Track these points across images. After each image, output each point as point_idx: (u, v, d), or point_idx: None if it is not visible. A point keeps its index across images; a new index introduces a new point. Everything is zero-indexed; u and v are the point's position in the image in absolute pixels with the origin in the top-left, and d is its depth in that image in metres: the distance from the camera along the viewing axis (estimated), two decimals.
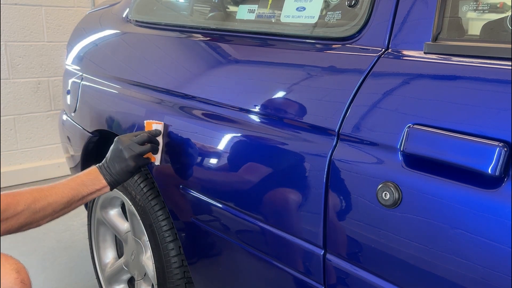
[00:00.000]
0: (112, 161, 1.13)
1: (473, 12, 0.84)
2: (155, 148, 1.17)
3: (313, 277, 0.90)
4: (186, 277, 1.32)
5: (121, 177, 1.14)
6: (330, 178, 0.83)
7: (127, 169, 1.13)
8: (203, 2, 1.46)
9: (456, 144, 0.67)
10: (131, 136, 1.16)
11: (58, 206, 1.07)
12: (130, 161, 1.12)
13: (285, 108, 0.95)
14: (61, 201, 1.07)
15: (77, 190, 1.10)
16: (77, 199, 1.10)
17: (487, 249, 0.64)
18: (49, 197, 1.05)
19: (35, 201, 1.03)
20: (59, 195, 1.07)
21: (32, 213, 1.02)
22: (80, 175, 1.14)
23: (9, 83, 3.05)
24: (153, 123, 1.18)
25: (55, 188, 1.08)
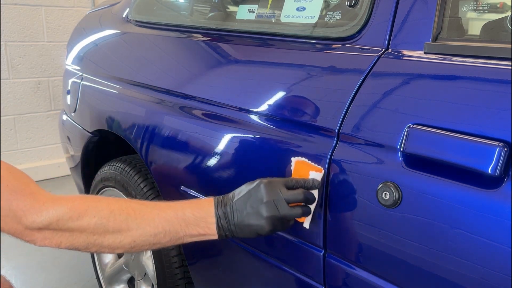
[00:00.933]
0: (241, 206, 0.81)
1: (473, 12, 0.84)
2: (308, 210, 0.83)
3: (313, 277, 0.90)
4: (186, 277, 1.32)
5: (241, 233, 0.82)
6: (330, 178, 0.83)
7: (257, 229, 0.81)
8: (203, 2, 1.46)
9: (456, 144, 0.67)
10: (281, 185, 0.81)
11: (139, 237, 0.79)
12: (267, 222, 0.80)
13: (285, 108, 0.95)
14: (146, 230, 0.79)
15: (173, 225, 0.80)
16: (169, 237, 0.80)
17: (487, 249, 0.64)
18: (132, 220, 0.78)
19: (110, 217, 0.77)
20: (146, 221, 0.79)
21: (102, 231, 0.77)
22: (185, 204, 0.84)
23: (9, 83, 3.05)
24: (311, 168, 0.83)
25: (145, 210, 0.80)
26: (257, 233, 0.81)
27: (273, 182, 0.82)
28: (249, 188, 0.83)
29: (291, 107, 0.94)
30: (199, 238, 0.83)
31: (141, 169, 1.40)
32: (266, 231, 0.81)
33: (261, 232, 0.81)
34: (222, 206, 0.83)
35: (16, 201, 0.75)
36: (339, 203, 0.82)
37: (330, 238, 0.85)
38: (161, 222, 0.79)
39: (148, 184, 1.36)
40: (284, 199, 0.80)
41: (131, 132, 1.34)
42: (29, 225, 0.75)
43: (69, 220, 0.76)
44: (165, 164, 1.23)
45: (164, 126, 1.23)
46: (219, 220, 0.82)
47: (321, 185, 0.82)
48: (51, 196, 0.78)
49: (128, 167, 1.42)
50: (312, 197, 0.82)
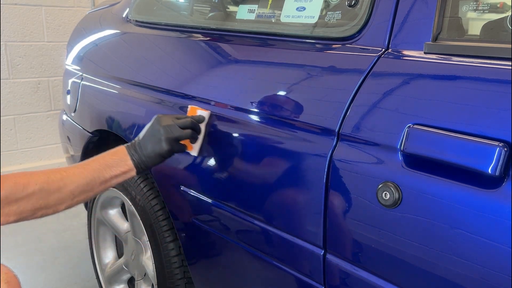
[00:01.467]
0: (145, 140, 1.02)
1: (473, 12, 0.84)
2: (195, 135, 1.06)
3: (313, 277, 0.90)
4: (186, 277, 1.32)
5: (151, 160, 1.02)
6: (330, 178, 0.83)
7: (160, 151, 1.01)
8: (203, 2, 1.46)
9: (456, 144, 0.67)
10: (172, 117, 1.04)
11: (76, 189, 0.94)
12: (166, 143, 1.00)
13: (285, 108, 0.95)
14: (79, 182, 0.94)
15: (99, 172, 0.97)
16: (99, 182, 0.97)
17: (487, 249, 0.64)
18: (66, 178, 0.93)
19: (49, 181, 0.90)
20: (77, 175, 0.94)
21: (46, 194, 0.90)
22: (104, 154, 1.02)
23: (9, 83, 3.05)
24: (198, 109, 1.09)
25: (74, 168, 0.96)
26: (160, 155, 1.02)
27: (165, 115, 1.05)
28: (149, 125, 1.04)
29: (291, 107, 0.94)
30: (123, 176, 1.01)
31: None
32: (166, 150, 1.01)
33: (162, 152, 1.01)
34: (133, 146, 1.03)
35: None
36: (339, 203, 0.82)
37: (330, 238, 0.85)
38: (89, 172, 0.96)
39: (148, 184, 1.36)
40: (176, 124, 1.01)
41: (131, 132, 1.34)
42: None
43: (16, 193, 0.86)
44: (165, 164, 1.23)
45: None
46: (133, 156, 1.01)
47: (204, 119, 1.06)
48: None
49: None
50: (198, 127, 1.06)
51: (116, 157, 1.01)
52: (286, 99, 0.96)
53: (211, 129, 1.10)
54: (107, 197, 1.59)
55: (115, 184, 1.01)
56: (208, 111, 1.08)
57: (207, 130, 1.08)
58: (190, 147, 1.08)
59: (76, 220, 2.59)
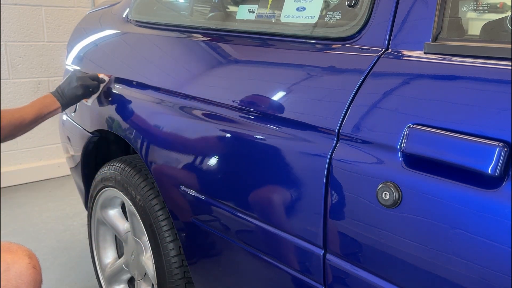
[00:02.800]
0: (65, 86, 1.44)
1: (473, 12, 0.84)
2: (98, 87, 1.47)
3: (313, 277, 0.90)
4: (186, 277, 1.32)
5: (70, 100, 1.44)
6: (330, 178, 0.83)
7: (76, 93, 1.43)
8: (203, 2, 1.46)
9: (456, 144, 0.67)
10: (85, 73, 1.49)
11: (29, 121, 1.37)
12: (79, 87, 1.43)
13: (285, 108, 0.95)
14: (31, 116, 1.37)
15: (40, 110, 1.39)
16: (41, 116, 1.39)
17: (487, 249, 0.64)
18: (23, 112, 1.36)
19: (13, 114, 1.34)
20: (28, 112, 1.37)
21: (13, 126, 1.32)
22: (39, 99, 1.43)
23: (9, 83, 3.05)
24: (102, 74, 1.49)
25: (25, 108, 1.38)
26: (76, 96, 1.44)
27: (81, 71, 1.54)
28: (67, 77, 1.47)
29: (291, 107, 0.94)
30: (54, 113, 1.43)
31: (141, 169, 1.40)
32: (80, 92, 1.44)
33: (77, 93, 1.44)
34: (56, 92, 1.44)
35: None
36: (339, 203, 0.82)
37: (330, 238, 0.85)
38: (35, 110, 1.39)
39: (148, 184, 1.36)
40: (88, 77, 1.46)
41: (131, 132, 1.34)
42: None
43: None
44: (165, 164, 1.24)
45: (164, 126, 1.24)
46: (58, 97, 1.43)
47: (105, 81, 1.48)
48: None
49: (128, 167, 1.42)
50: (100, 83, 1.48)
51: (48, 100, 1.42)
52: (286, 99, 0.96)
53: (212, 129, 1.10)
54: (107, 197, 1.59)
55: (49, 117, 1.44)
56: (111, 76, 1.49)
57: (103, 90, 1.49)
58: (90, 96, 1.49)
59: (76, 220, 2.59)
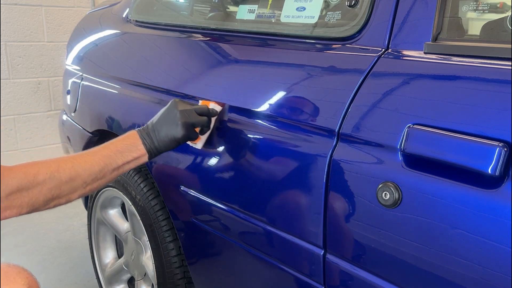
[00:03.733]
0: (159, 124, 0.98)
1: (473, 12, 0.84)
2: (209, 124, 1.03)
3: (313, 277, 0.90)
4: (186, 277, 1.32)
5: (164, 145, 0.98)
6: (330, 178, 0.83)
7: (175, 135, 0.97)
8: (203, 2, 1.46)
9: (456, 143, 0.67)
10: (189, 103, 1.02)
11: (89, 177, 0.91)
12: (182, 127, 0.97)
13: (285, 108, 0.95)
14: (92, 170, 0.91)
15: (110, 158, 0.94)
16: (111, 169, 0.94)
17: (487, 249, 0.64)
18: (77, 166, 0.90)
19: (59, 170, 0.87)
20: (89, 163, 0.91)
21: (57, 183, 0.87)
22: (115, 140, 0.98)
23: (9, 83, 3.05)
24: (211, 102, 1.05)
25: (84, 156, 0.93)
26: (175, 140, 0.98)
27: (183, 100, 1.02)
28: (164, 109, 1.01)
29: (291, 107, 0.94)
30: (135, 162, 0.98)
31: (141, 169, 1.40)
32: (181, 135, 0.97)
33: (178, 137, 0.98)
34: (145, 130, 0.99)
35: None
36: (339, 203, 0.82)
37: (330, 238, 0.85)
38: (101, 159, 0.93)
39: (148, 184, 1.36)
40: (194, 109, 1.00)
41: None
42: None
43: (27, 183, 0.83)
44: (165, 164, 1.24)
45: None
46: (144, 141, 0.97)
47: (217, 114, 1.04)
48: (3, 166, 0.82)
49: None
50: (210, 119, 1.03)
51: (127, 142, 0.97)
52: (286, 99, 0.96)
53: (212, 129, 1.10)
54: (107, 197, 1.59)
55: (127, 170, 0.98)
56: (222, 106, 1.05)
57: (216, 126, 1.06)
58: (198, 138, 1.05)
59: (76, 220, 2.59)
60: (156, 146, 0.98)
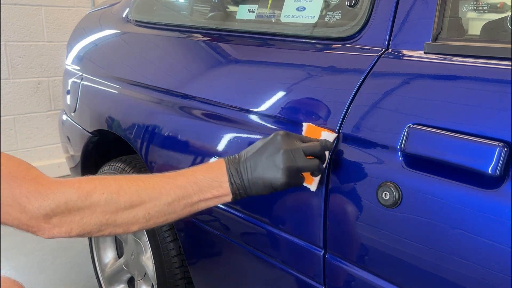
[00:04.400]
0: (255, 160, 0.77)
1: (473, 12, 0.84)
2: (321, 167, 0.80)
3: (313, 277, 0.90)
4: (186, 277, 1.32)
5: (256, 189, 0.78)
6: (330, 177, 0.83)
7: (273, 182, 0.76)
8: (203, 2, 1.46)
9: (456, 143, 0.67)
10: (297, 138, 0.79)
11: (153, 207, 0.74)
12: (284, 173, 0.76)
13: (285, 108, 0.95)
14: (159, 200, 0.74)
15: (185, 190, 0.76)
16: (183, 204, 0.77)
17: (487, 249, 0.64)
18: (143, 191, 0.74)
19: (119, 192, 0.73)
20: (158, 190, 0.75)
21: (114, 208, 0.72)
22: (196, 168, 0.80)
23: (9, 83, 3.05)
24: (323, 130, 0.82)
25: (154, 180, 0.76)
26: (272, 187, 0.77)
27: (289, 133, 0.79)
28: (264, 141, 0.79)
29: (291, 107, 0.94)
30: (214, 201, 0.79)
31: (141, 169, 1.40)
32: (281, 183, 0.76)
33: (276, 184, 0.76)
34: (234, 163, 0.79)
35: (19, 187, 0.69)
36: (339, 203, 0.82)
37: (330, 238, 0.85)
38: (173, 189, 0.75)
39: None
40: (303, 149, 0.76)
41: (131, 132, 1.34)
42: (35, 211, 0.69)
43: (77, 200, 0.71)
44: (165, 164, 1.23)
45: (164, 126, 1.23)
46: (231, 178, 0.77)
47: (332, 147, 0.80)
48: (55, 179, 0.73)
49: (128, 167, 1.42)
50: (324, 156, 0.79)
51: (211, 175, 0.78)
52: (286, 99, 0.96)
53: (211, 129, 1.10)
54: None
55: (203, 208, 0.79)
56: (335, 134, 0.81)
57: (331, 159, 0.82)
58: (310, 179, 0.82)
59: None
60: (245, 187, 0.78)
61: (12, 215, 0.70)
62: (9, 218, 0.70)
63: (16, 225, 0.71)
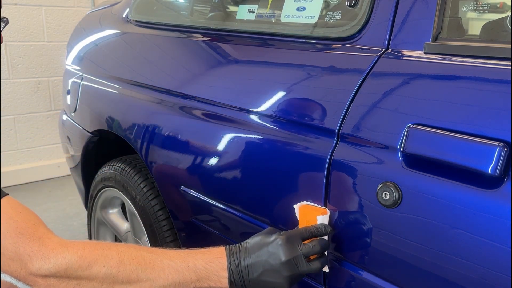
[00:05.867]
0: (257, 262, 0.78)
1: (473, 12, 0.84)
2: (325, 261, 0.82)
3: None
4: None
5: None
6: (330, 178, 0.83)
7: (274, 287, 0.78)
8: (203, 2, 1.46)
9: (456, 143, 0.67)
10: (298, 240, 0.79)
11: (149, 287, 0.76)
12: (287, 281, 0.77)
13: (285, 108, 0.95)
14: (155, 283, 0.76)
15: (183, 276, 0.77)
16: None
17: (487, 249, 0.64)
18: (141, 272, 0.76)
19: (119, 268, 0.75)
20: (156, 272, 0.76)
21: (111, 282, 0.75)
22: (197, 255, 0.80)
23: (9, 83, 3.05)
24: (317, 212, 0.81)
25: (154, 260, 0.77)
26: None
27: (290, 237, 0.79)
28: (265, 244, 0.79)
29: (291, 107, 0.94)
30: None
31: (141, 169, 1.40)
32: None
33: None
34: (236, 259, 0.79)
35: (23, 245, 0.72)
36: (339, 203, 0.82)
37: (330, 237, 0.85)
38: (171, 273, 0.77)
39: (148, 184, 1.36)
40: (303, 254, 0.78)
41: (131, 132, 1.34)
42: (35, 271, 0.71)
43: (78, 269, 0.73)
44: (165, 164, 1.24)
45: (164, 126, 1.23)
46: (231, 275, 0.78)
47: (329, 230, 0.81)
48: (60, 240, 0.75)
49: (128, 167, 1.42)
50: (326, 244, 0.81)
51: (211, 267, 0.78)
52: (286, 99, 0.96)
53: (211, 129, 1.10)
54: (107, 197, 1.59)
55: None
56: (328, 212, 0.82)
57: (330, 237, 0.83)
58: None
59: (76, 220, 2.59)
60: (245, 285, 0.78)
61: (12, 268, 0.73)
62: (9, 270, 0.73)
63: (14, 276, 0.74)
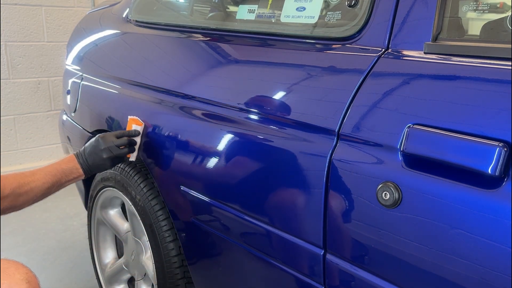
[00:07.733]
0: (90, 156, 1.24)
1: (473, 12, 0.84)
2: (132, 149, 1.27)
3: (313, 277, 0.90)
4: (186, 277, 1.32)
5: (97, 170, 1.27)
6: (330, 178, 0.83)
7: (104, 166, 1.25)
8: (203, 2, 1.46)
9: (456, 143, 0.67)
10: (112, 136, 1.25)
11: (39, 192, 1.16)
12: (108, 161, 1.24)
13: (285, 108, 0.95)
14: (42, 187, 1.16)
15: (57, 177, 1.19)
16: (56, 186, 1.20)
17: (487, 249, 0.64)
18: (32, 183, 1.14)
19: (19, 186, 1.11)
20: (41, 181, 1.16)
21: (15, 197, 1.10)
22: (59, 162, 1.24)
23: (9, 83, 3.05)
24: (134, 122, 1.27)
25: (37, 174, 1.17)
26: (104, 168, 1.27)
27: (107, 135, 1.25)
28: (92, 143, 1.25)
29: (291, 107, 0.94)
30: (74, 180, 1.24)
31: (141, 169, 1.40)
32: (109, 166, 1.26)
33: (106, 167, 1.26)
34: (81, 156, 1.24)
35: None
36: (339, 203, 0.82)
37: (330, 238, 0.85)
38: (51, 178, 1.18)
39: (148, 184, 1.36)
40: (115, 144, 1.23)
41: None
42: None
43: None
44: (165, 164, 1.24)
45: (164, 126, 1.24)
46: (82, 165, 1.24)
47: (140, 133, 1.26)
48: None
49: (128, 167, 1.42)
50: (134, 142, 1.26)
51: (70, 165, 1.23)
52: (286, 99, 0.96)
53: (211, 129, 1.10)
54: (107, 197, 1.59)
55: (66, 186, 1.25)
56: (143, 125, 1.27)
57: (143, 140, 1.28)
58: (129, 155, 1.29)
59: (76, 220, 2.59)
60: (91, 169, 1.25)
61: None
62: None
63: None
